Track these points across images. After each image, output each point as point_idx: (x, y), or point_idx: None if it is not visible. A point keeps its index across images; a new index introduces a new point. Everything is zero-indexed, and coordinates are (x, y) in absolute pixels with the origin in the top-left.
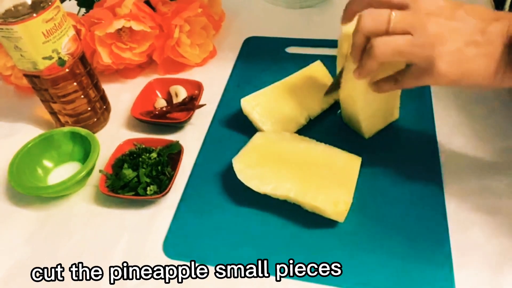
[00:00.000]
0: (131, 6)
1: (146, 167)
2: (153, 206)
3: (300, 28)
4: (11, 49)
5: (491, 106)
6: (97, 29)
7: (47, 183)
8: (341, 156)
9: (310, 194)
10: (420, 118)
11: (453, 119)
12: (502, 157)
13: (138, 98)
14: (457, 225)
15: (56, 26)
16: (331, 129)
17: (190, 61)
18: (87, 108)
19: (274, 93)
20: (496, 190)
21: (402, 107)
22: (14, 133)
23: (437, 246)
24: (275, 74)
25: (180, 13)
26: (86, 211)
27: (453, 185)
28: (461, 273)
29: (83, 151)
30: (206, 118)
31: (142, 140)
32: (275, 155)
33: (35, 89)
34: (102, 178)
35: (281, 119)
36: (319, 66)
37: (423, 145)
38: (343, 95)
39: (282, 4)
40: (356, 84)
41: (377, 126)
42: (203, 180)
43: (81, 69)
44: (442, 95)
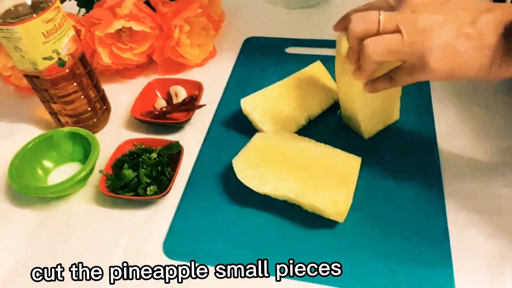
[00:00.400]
0: (131, 7)
1: (146, 168)
2: (153, 206)
3: (300, 28)
4: (11, 49)
5: (491, 106)
6: (97, 29)
7: (47, 183)
8: (341, 156)
9: (310, 194)
10: (420, 119)
11: (453, 119)
12: (502, 157)
13: (138, 98)
14: (457, 225)
15: (56, 26)
16: (331, 129)
17: (190, 62)
18: (87, 108)
19: (274, 93)
20: (496, 190)
21: (402, 107)
22: (14, 133)
23: (437, 247)
24: (275, 74)
25: (180, 13)
26: (86, 211)
27: (453, 185)
28: (461, 273)
29: (83, 151)
30: (206, 118)
31: (142, 140)
32: (275, 156)
33: (35, 89)
34: (102, 179)
35: (281, 120)
36: (319, 67)
37: (423, 146)
38: (342, 96)
39: (282, 4)
40: (354, 85)
41: (376, 127)
42: (203, 180)
43: (81, 69)
44: (442, 95)
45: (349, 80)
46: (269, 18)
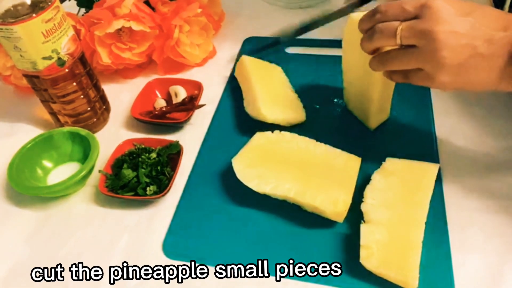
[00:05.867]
0: (131, 6)
1: (146, 167)
2: (152, 206)
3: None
4: (11, 49)
5: (491, 106)
6: (97, 29)
7: (46, 183)
8: (341, 156)
9: (309, 194)
10: (419, 118)
11: (453, 119)
12: (502, 157)
13: (138, 98)
14: (457, 225)
15: (55, 26)
16: (331, 130)
17: (190, 61)
18: (87, 108)
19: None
20: (496, 190)
21: (402, 107)
22: (13, 133)
23: (437, 246)
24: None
25: (179, 13)
26: (86, 211)
27: (453, 185)
28: (461, 273)
29: (83, 151)
30: (206, 118)
31: (142, 140)
32: (275, 155)
33: (35, 89)
34: (102, 178)
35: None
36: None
37: (423, 145)
38: (356, 81)
39: (282, 4)
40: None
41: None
42: (203, 180)
43: (80, 69)
44: (442, 95)
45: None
46: (269, 18)
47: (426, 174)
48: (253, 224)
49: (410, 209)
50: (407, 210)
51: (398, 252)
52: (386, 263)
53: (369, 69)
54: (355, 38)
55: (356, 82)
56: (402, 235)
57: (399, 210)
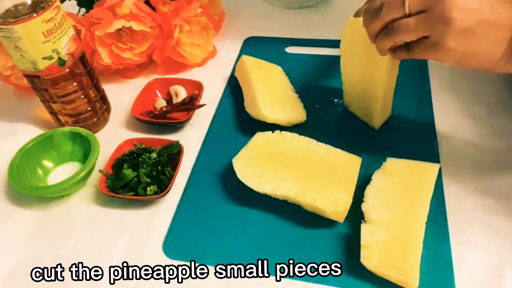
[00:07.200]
0: (131, 6)
1: (146, 167)
2: (153, 206)
3: (300, 28)
4: (11, 49)
5: (491, 106)
6: (97, 29)
7: (47, 183)
8: (341, 156)
9: (310, 194)
10: (420, 118)
11: (453, 119)
12: (502, 157)
13: (138, 98)
14: (457, 225)
15: (56, 26)
16: (331, 130)
17: (190, 61)
18: (87, 108)
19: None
20: (496, 190)
21: (402, 107)
22: (14, 133)
23: (437, 246)
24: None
25: (180, 13)
26: (86, 211)
27: (453, 185)
28: (461, 273)
29: (83, 151)
30: (206, 118)
31: (142, 140)
32: (275, 155)
33: (35, 89)
34: (102, 178)
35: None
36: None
37: (423, 145)
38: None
39: (282, 4)
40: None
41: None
42: (203, 180)
43: (81, 69)
44: (442, 95)
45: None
46: (269, 18)
47: (427, 174)
48: (253, 224)
49: (411, 209)
50: (408, 210)
51: (399, 252)
52: (387, 263)
53: (370, 69)
54: (354, 40)
55: (357, 83)
56: (402, 235)
57: (399, 210)
